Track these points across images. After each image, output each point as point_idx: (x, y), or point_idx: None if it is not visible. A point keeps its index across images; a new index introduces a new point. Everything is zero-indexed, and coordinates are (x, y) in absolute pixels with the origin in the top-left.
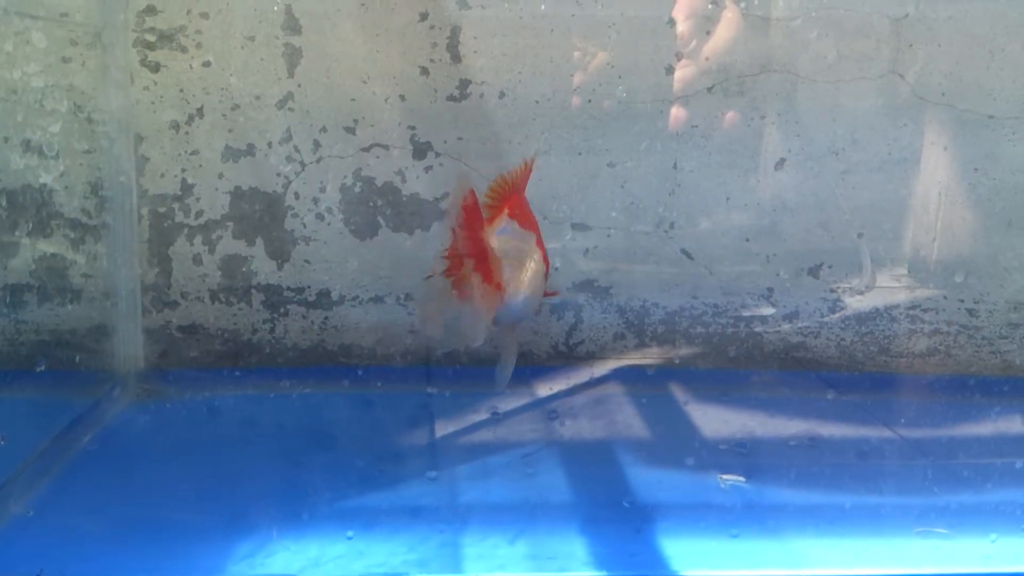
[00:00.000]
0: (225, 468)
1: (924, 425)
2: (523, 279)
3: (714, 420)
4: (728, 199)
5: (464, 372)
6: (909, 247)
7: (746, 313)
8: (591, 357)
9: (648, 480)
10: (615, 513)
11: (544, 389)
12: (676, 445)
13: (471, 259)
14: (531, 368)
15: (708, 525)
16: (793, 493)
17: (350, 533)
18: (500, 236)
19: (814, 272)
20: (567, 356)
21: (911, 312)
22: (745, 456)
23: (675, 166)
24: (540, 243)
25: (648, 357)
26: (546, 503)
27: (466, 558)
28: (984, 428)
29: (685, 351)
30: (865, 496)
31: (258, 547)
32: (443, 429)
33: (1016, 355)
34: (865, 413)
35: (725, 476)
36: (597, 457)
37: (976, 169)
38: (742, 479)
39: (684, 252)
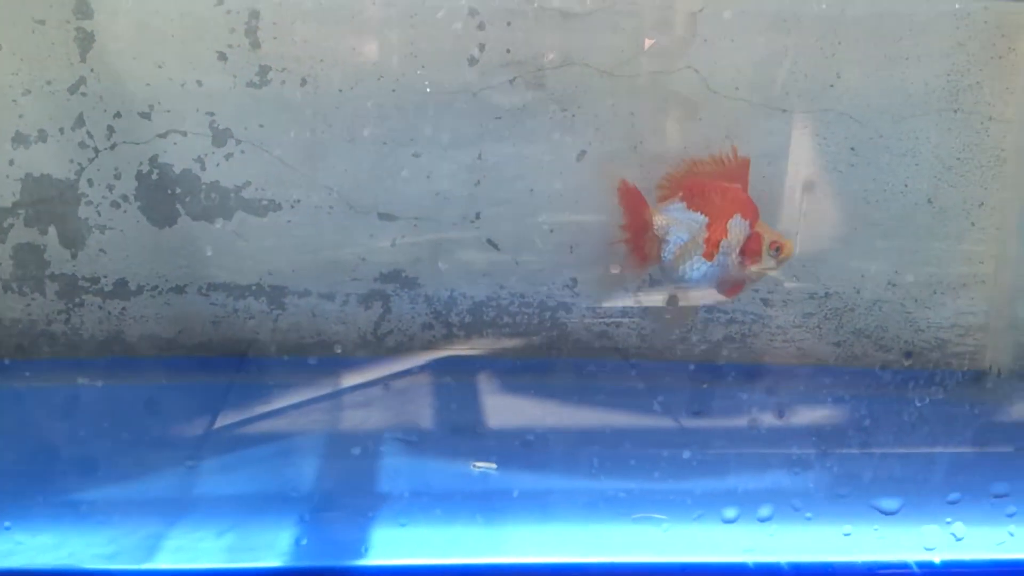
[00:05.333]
0: None
1: (691, 413)
2: (679, 252)
3: (502, 409)
4: (532, 190)
5: (269, 363)
6: None
7: (551, 303)
8: (400, 348)
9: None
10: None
11: (350, 380)
12: (450, 435)
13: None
14: (340, 359)
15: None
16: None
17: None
18: (664, 214)
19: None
20: (375, 346)
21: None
22: (499, 443)
23: (480, 157)
24: (718, 228)
25: (456, 348)
26: (268, 495)
27: (164, 550)
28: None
29: (492, 341)
30: (582, 482)
31: None
32: (224, 420)
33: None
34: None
35: (478, 463)
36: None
37: (769, 163)
38: (493, 466)
39: (490, 242)
